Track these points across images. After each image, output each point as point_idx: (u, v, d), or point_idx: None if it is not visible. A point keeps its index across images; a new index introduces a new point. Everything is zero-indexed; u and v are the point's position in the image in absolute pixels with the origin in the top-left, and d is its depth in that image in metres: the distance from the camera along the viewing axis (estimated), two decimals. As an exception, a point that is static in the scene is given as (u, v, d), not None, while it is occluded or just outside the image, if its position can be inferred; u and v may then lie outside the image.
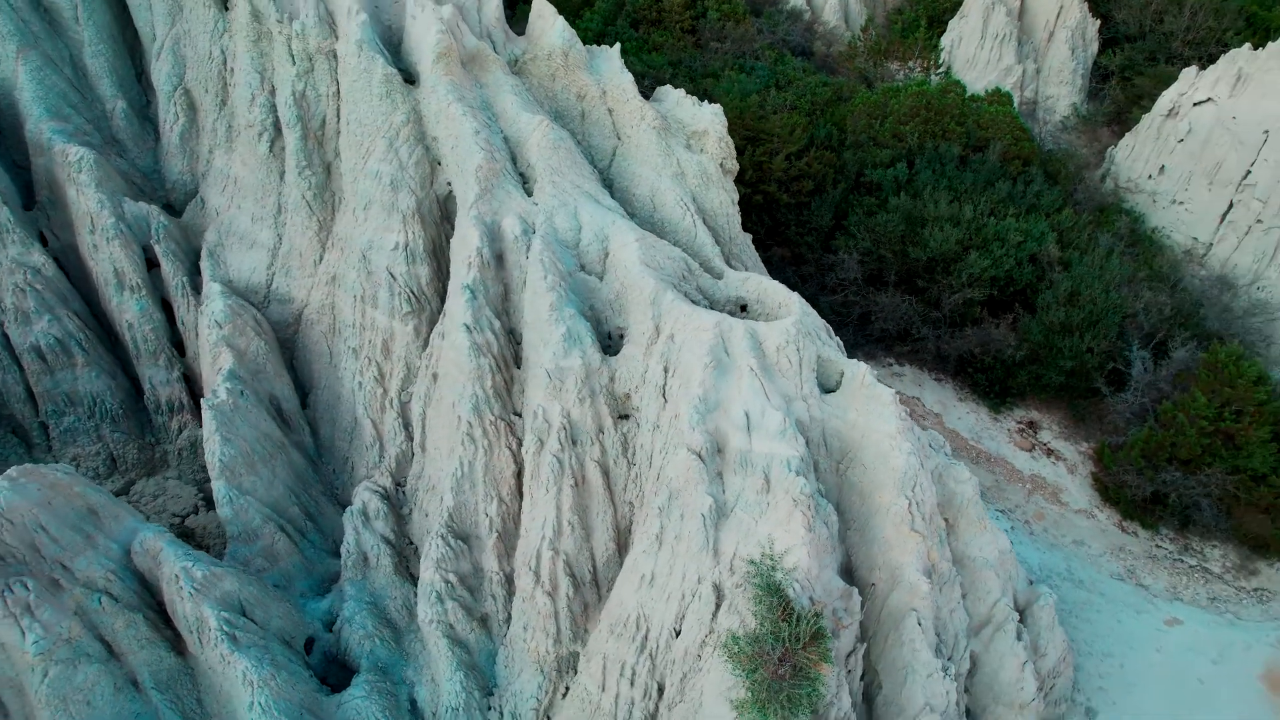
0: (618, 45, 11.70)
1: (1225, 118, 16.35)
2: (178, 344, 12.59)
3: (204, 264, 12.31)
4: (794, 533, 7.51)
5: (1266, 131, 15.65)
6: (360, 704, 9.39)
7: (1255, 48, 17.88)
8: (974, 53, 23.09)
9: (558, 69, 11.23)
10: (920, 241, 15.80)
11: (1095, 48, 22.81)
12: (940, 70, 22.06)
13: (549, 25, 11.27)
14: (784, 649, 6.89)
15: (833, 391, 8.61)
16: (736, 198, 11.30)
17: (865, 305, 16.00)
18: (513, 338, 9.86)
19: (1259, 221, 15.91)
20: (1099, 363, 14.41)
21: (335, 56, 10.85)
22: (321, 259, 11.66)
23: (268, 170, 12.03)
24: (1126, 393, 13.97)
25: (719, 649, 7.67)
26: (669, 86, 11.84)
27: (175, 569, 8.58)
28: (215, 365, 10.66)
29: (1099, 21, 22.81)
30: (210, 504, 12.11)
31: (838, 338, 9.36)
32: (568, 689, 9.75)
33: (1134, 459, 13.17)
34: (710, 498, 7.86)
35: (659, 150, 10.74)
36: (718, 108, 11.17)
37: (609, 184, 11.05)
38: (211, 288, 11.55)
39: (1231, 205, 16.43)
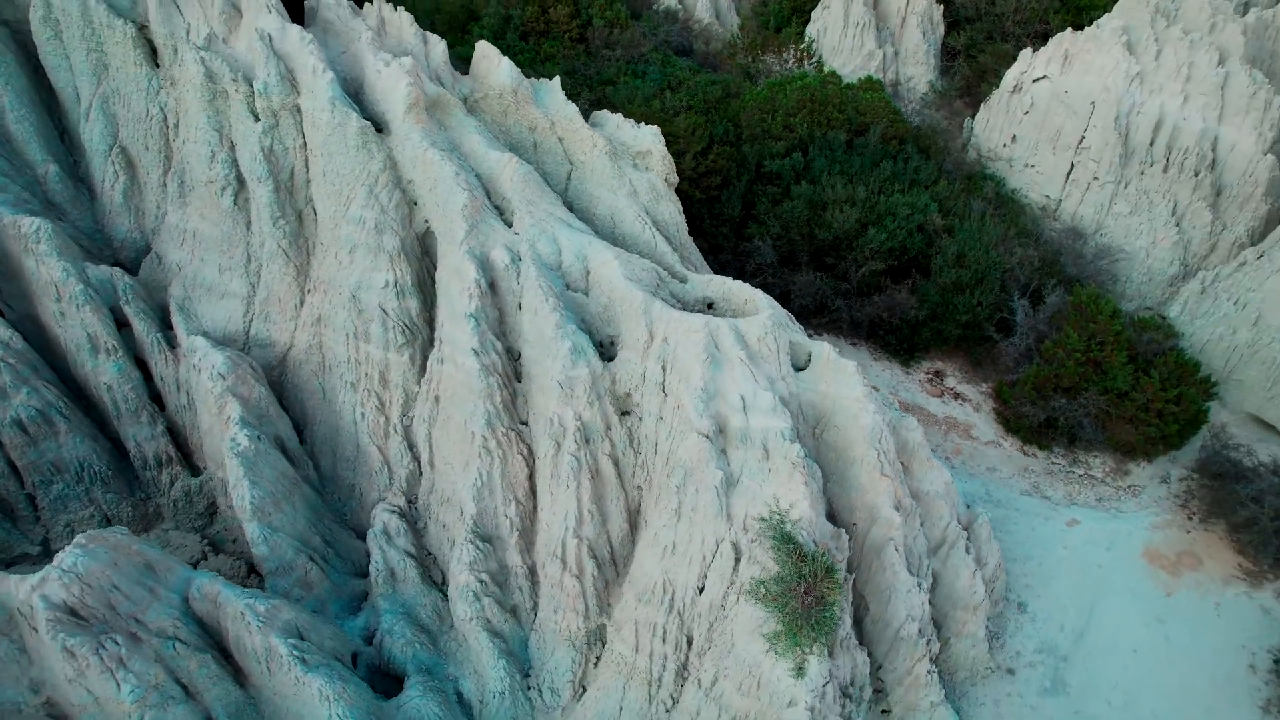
0: (557, 79, 12.94)
1: (1059, 92, 19.19)
2: (155, 399, 12.99)
3: (176, 319, 12.75)
4: (795, 489, 9.18)
5: (1093, 103, 18.54)
6: (418, 703, 10.46)
7: (1075, 27, 20.99)
8: (839, 41, 25.45)
9: (509, 105, 12.38)
10: (824, 223, 17.84)
11: (941, 30, 25.65)
12: (813, 60, 24.25)
13: (495, 65, 12.39)
14: (807, 584, 8.56)
15: (803, 369, 10.34)
16: (681, 207, 12.82)
17: (783, 285, 17.89)
18: (510, 355, 11.05)
19: (1095, 179, 18.84)
20: (988, 314, 16.91)
21: (299, 111, 11.59)
22: (302, 303, 12.39)
23: (233, 222, 12.58)
24: (1014, 337, 16.51)
25: (745, 596, 9.26)
26: (606, 111, 13.17)
27: (239, 607, 9.37)
28: (223, 415, 11.27)
29: (942, 6, 25.66)
30: (216, 549, 12.69)
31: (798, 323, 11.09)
32: (598, 658, 11.15)
33: (1027, 392, 15.71)
34: (720, 471, 9.41)
35: (613, 172, 12.10)
36: (656, 129, 12.64)
37: (568, 205, 12.31)
38: (195, 341, 12.07)
39: (1073, 166, 19.32)
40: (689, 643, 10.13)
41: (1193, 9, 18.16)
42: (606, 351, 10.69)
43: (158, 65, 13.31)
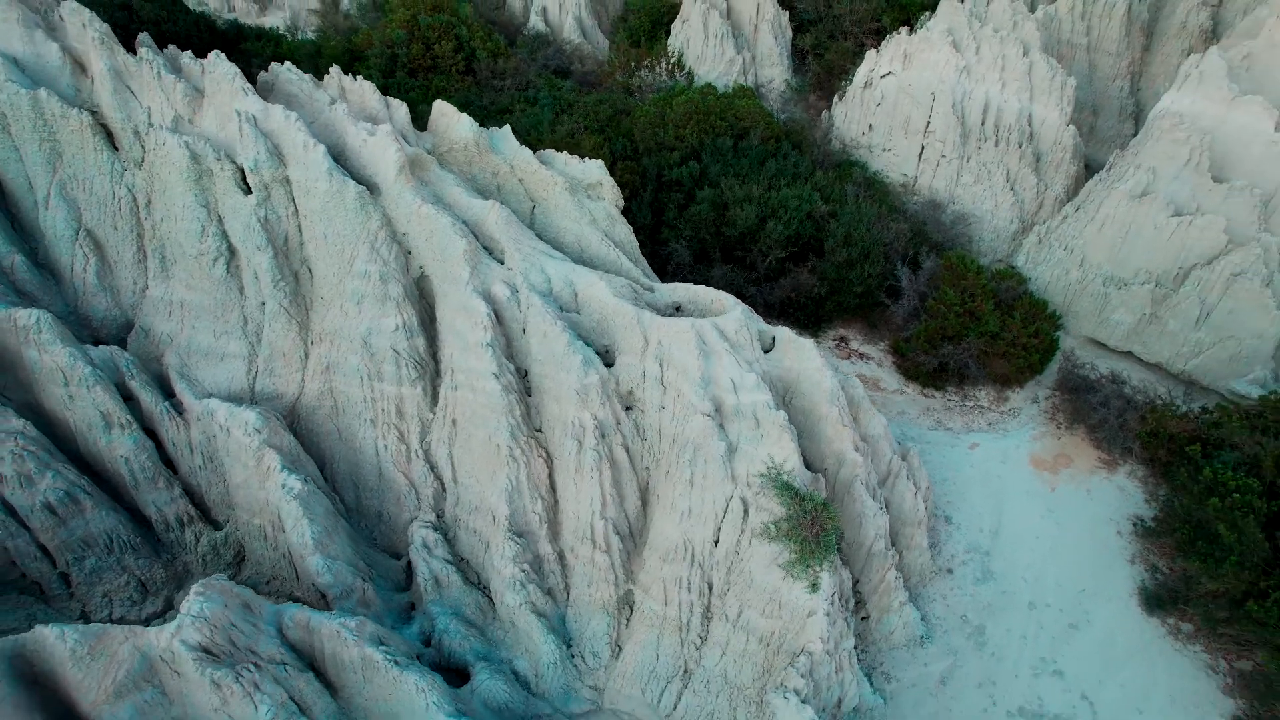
0: (507, 127, 14.74)
1: (904, 85, 22.66)
2: (166, 464, 13.87)
3: (179, 385, 13.70)
4: (785, 447, 11.61)
5: (933, 93, 22.08)
6: (488, 684, 12.19)
7: (905, 23, 24.64)
8: (701, 50, 28.24)
9: (473, 156, 14.11)
10: (729, 221, 20.44)
11: (790, 33, 28.93)
12: (684, 71, 26.86)
13: (455, 121, 14.07)
14: (811, 517, 11.01)
15: (769, 350, 12.79)
16: (631, 228, 14.97)
17: (701, 280, 20.31)
18: (519, 373, 12.88)
19: (943, 157, 22.45)
20: (878, 283, 20.04)
21: (288, 182, 12.87)
22: (307, 355, 13.66)
23: (226, 290, 13.66)
24: (901, 300, 19.71)
25: (757, 538, 11.61)
26: (551, 150, 15.07)
27: (334, 627, 10.82)
28: (262, 465, 12.48)
29: (788, 12, 28.94)
30: (255, 591, 13.75)
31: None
32: (629, 619, 13.22)
33: (919, 345, 18.93)
34: (723, 442, 11.70)
35: (573, 205, 14.10)
36: (600, 163, 14.71)
37: (538, 238, 14.19)
38: (210, 404, 13.12)
39: (923, 148, 22.87)
40: (710, 588, 12.39)
41: (998, 10, 22.00)
42: (604, 359, 12.72)
43: (116, 149, 14.12)
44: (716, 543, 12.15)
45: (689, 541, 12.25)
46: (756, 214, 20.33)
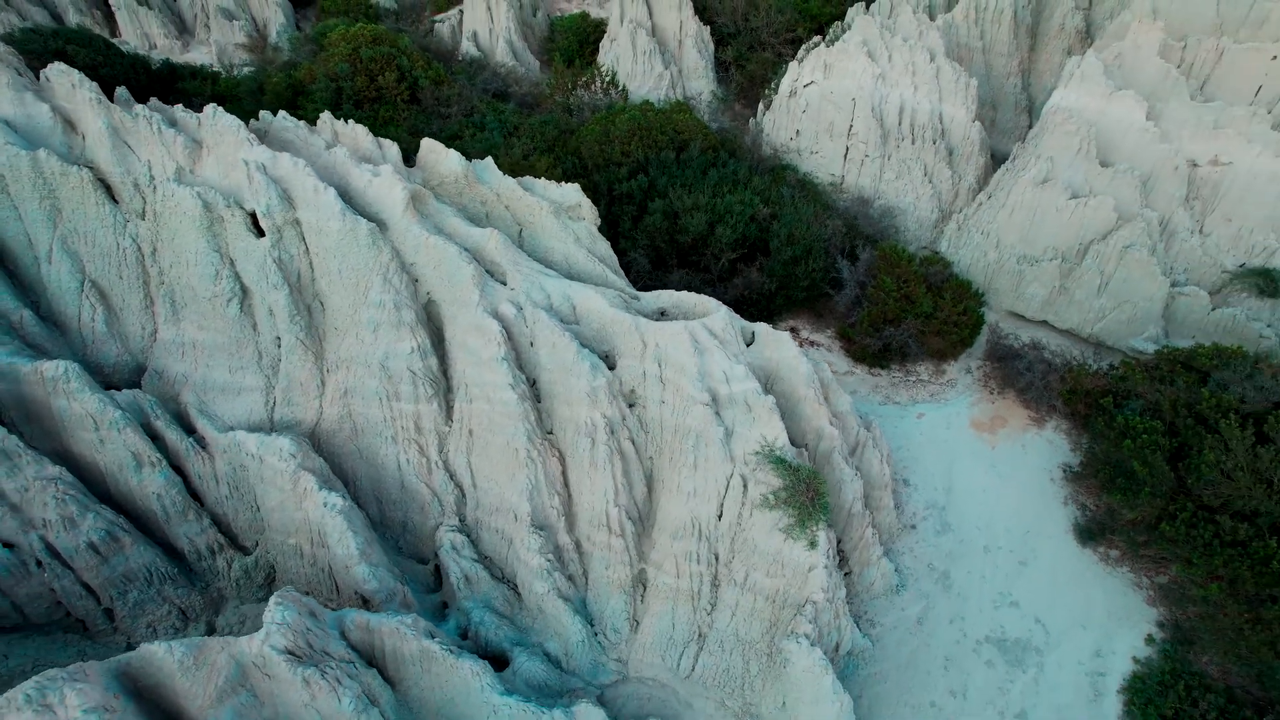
0: (489, 159, 16.08)
1: (826, 93, 24.84)
2: (193, 496, 14.70)
3: (199, 421, 14.57)
4: (775, 427, 13.36)
5: (853, 99, 24.32)
6: (527, 665, 13.55)
7: (818, 33, 26.85)
8: (631, 67, 29.96)
9: (463, 187, 15.40)
10: (681, 229, 22.17)
11: (712, 47, 30.91)
12: (618, 89, 28.48)
13: (443, 156, 15.34)
14: (805, 485, 12.78)
15: (751, 344, 14.53)
16: (609, 244, 16.51)
17: (661, 285, 22.02)
18: (528, 382, 14.26)
19: (866, 156, 24.72)
20: (821, 276, 22.09)
21: (298, 224, 13.93)
22: (324, 383, 14.72)
23: (240, 328, 14.59)
24: (844, 290, 21.80)
25: (757, 509, 13.32)
26: (530, 177, 16.48)
27: (394, 625, 12.01)
28: (298, 488, 13.51)
29: (708, 27, 30.92)
30: (289, 609, 14.71)
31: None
32: (643, 596, 14.75)
33: (864, 329, 21.05)
34: (721, 428, 13.37)
35: (559, 226, 15.55)
36: (577, 186, 16.16)
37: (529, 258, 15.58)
38: (237, 435, 14.06)
39: (848, 149, 25.11)
40: (717, 558, 14.05)
41: (905, 21, 24.41)
42: (605, 363, 14.22)
43: (115, 202, 14.88)
44: (720, 517, 13.82)
45: (695, 518, 13.88)
46: (706, 220, 22.12)
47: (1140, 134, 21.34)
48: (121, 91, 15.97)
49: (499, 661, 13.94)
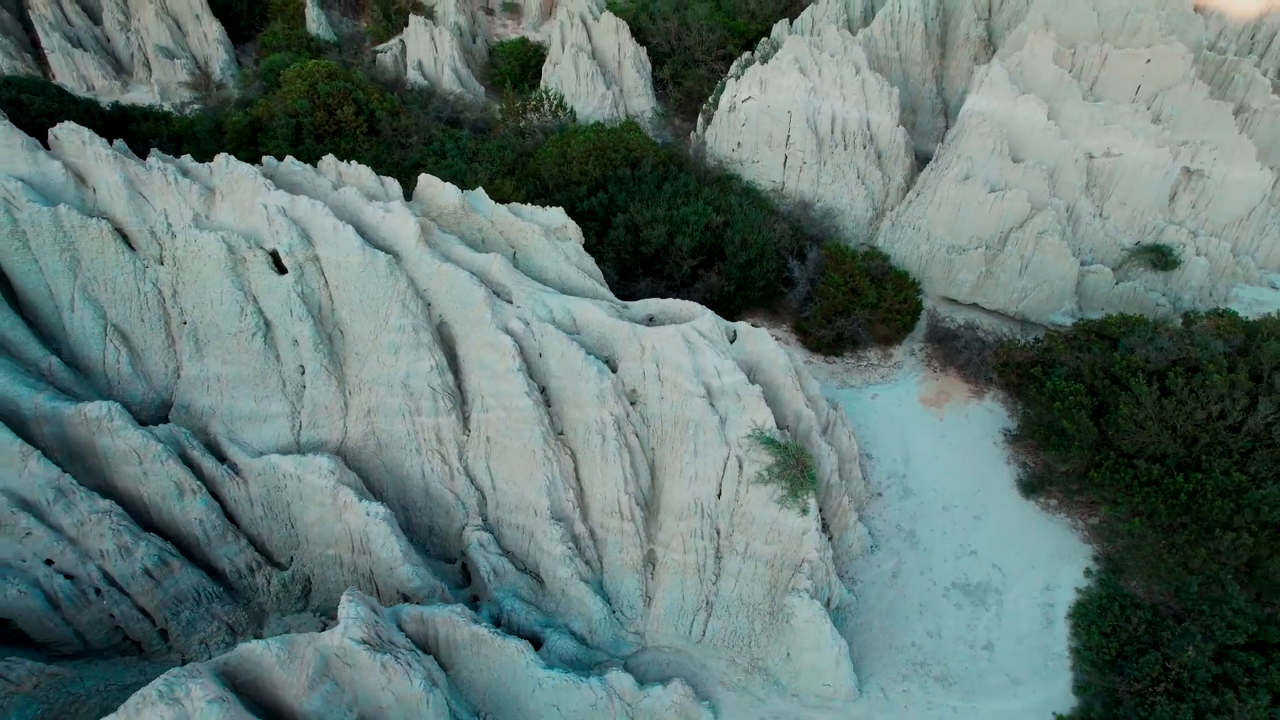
0: (480, 189, 17.61)
1: (764, 107, 27.06)
2: (229, 519, 15.81)
3: (230, 449, 15.71)
4: (763, 412, 15.28)
5: (789, 112, 26.59)
6: (559, 643, 15.15)
7: (745, 48, 29.07)
8: (575, 89, 31.70)
9: (461, 217, 16.90)
10: (644, 241, 24.00)
11: (649, 66, 32.89)
12: (566, 111, 30.17)
13: (440, 190, 16.82)
14: (795, 460, 14.74)
15: (733, 341, 16.44)
16: (594, 260, 18.22)
17: (629, 292, 23.81)
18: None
19: (804, 163, 27.02)
20: (775, 276, 24.23)
21: (318, 259, 15.23)
22: (348, 405, 16.02)
23: (264, 359, 15.78)
24: (796, 288, 24.00)
25: (753, 485, 15.21)
26: (516, 204, 18.04)
27: (447, 614, 13.47)
28: (338, 501, 14.82)
29: (644, 48, 32.89)
30: (328, 616, 15.97)
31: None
32: (653, 573, 16.49)
33: (817, 322, 23.26)
34: (716, 416, 15.24)
35: (550, 247, 17.20)
36: (561, 209, 17.82)
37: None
38: (271, 459, 15.27)
39: (786, 157, 27.37)
40: (719, 533, 15.91)
41: (831, 39, 26.83)
42: (609, 367, 15.93)
43: (133, 250, 15.90)
44: (719, 496, 15.68)
45: (697, 499, 15.71)
46: (666, 231, 24.02)
47: (1044, 132, 24.17)
48: (120, 144, 16.92)
49: (532, 643, 15.49)
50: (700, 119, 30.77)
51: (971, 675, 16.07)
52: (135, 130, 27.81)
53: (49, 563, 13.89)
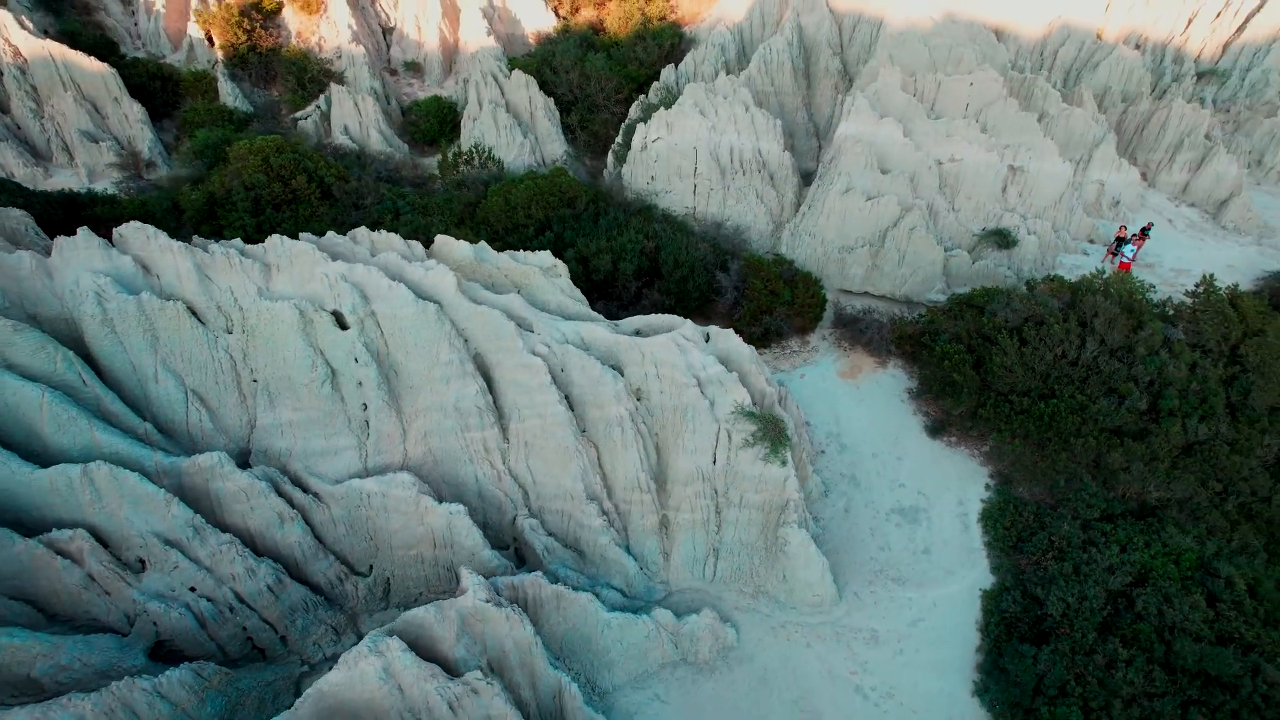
0: (483, 242, 21.46)
1: (672, 145, 31.97)
2: (317, 538, 18.96)
3: (312, 481, 18.89)
4: (741, 393, 19.93)
5: (694, 147, 31.59)
6: (609, 594, 19.22)
7: (638, 91, 34.02)
8: (496, 140, 35.66)
9: (474, 267, 20.72)
10: (594, 270, 28.27)
11: (558, 114, 37.24)
12: (495, 161, 34.05)
13: (455, 247, 20.61)
14: (772, 425, 19.47)
15: (708, 341, 21.04)
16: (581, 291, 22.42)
17: (588, 316, 27.93)
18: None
19: (712, 190, 32.08)
20: (706, 287, 29.06)
21: (374, 313, 18.73)
22: (406, 431, 19.52)
23: (331, 402, 19.08)
24: (725, 295, 28.91)
25: (740, 450, 19.80)
26: (513, 251, 21.99)
27: (534, 578, 17.30)
28: (419, 507, 18.35)
29: (552, 98, 37.22)
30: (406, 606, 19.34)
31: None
32: (667, 533, 20.79)
33: (746, 322, 28.22)
34: (707, 400, 19.76)
35: (548, 283, 21.29)
36: (548, 252, 21.91)
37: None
38: (353, 484, 18.59)
39: (695, 186, 32.35)
40: (717, 492, 20.42)
41: (722, 84, 32.10)
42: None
43: (203, 324, 18.88)
44: (715, 462, 20.20)
45: (698, 467, 20.17)
46: (610, 260, 28.42)
47: (902, 147, 30.23)
48: (155, 230, 19.72)
49: (584, 602, 19.43)
50: (611, 157, 35.43)
51: (917, 573, 21.29)
52: (90, 215, 29.63)
53: (192, 589, 16.76)
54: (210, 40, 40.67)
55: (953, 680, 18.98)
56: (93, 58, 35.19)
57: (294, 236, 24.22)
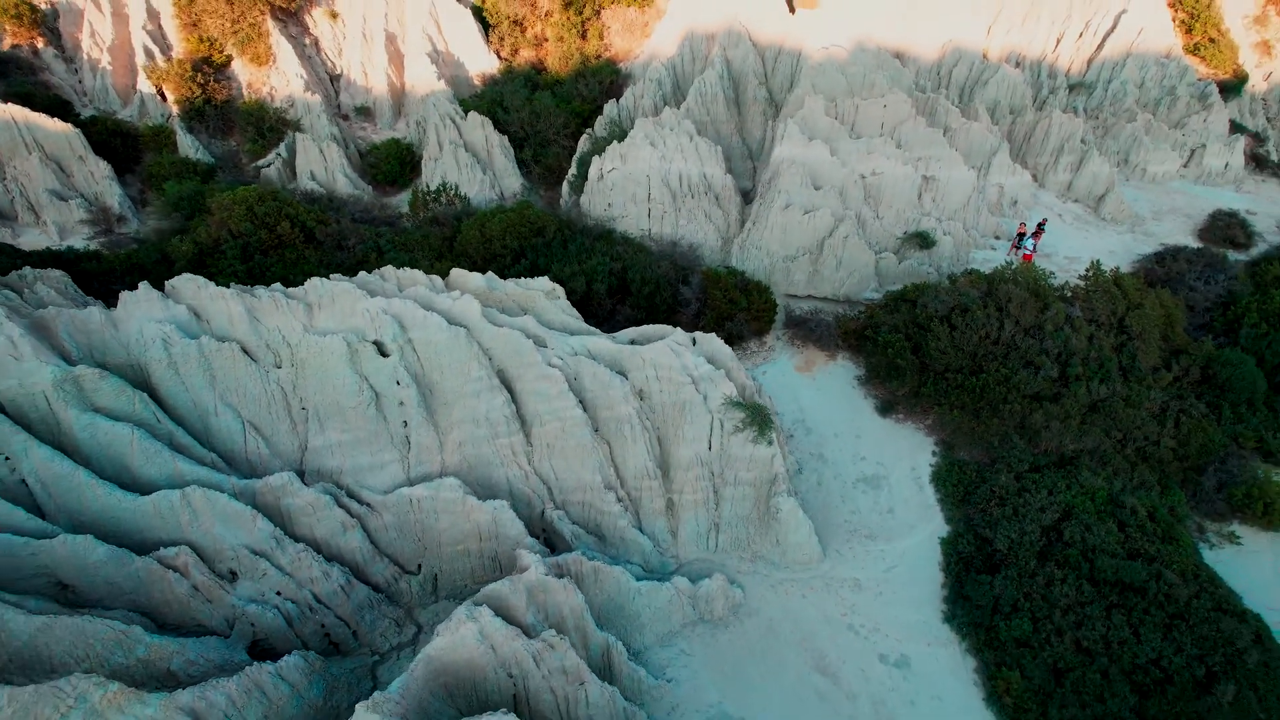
0: (490, 272, 24.33)
1: (627, 174, 35.39)
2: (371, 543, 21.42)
3: (365, 494, 21.39)
4: (729, 387, 23.37)
5: (648, 175, 35.10)
6: (633, 569, 22.27)
7: (583, 125, 37.53)
8: (457, 177, 38.45)
9: (487, 294, 23.60)
10: (571, 290, 31.31)
11: (513, 150, 40.23)
12: (461, 196, 36.75)
13: (469, 279, 23.47)
14: (759, 411, 22.96)
15: (695, 344, 24.41)
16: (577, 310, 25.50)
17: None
18: (576, 404, 22.91)
19: (665, 212, 35.61)
20: (671, 300, 32.48)
21: (411, 340, 21.41)
22: (443, 442, 22.19)
23: (376, 422, 21.63)
24: (689, 306, 32.40)
25: (732, 436, 23.21)
26: (518, 279, 24.92)
27: (575, 556, 20.24)
28: (465, 506, 21.06)
29: (505, 136, 40.20)
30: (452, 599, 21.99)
31: (677, 330, 25.02)
32: (674, 514, 24.00)
33: (712, 327, 31.74)
34: (701, 395, 23.11)
35: (551, 305, 24.34)
36: (546, 277, 24.95)
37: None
38: (402, 492, 21.18)
39: (650, 210, 35.84)
40: (713, 474, 23.77)
41: (668, 117, 35.76)
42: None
43: (255, 361, 21.22)
44: (710, 448, 23.56)
45: (696, 454, 23.49)
46: (584, 281, 31.58)
47: (830, 165, 34.44)
48: (204, 281, 21.95)
49: (610, 578, 22.44)
50: (566, 187, 38.64)
51: (886, 529, 25.10)
52: (81, 270, 31.06)
53: (278, 593, 19.07)
54: (162, 95, 42.09)
55: (926, 611, 22.77)
56: (55, 119, 36.41)
57: (283, 280, 26.78)
